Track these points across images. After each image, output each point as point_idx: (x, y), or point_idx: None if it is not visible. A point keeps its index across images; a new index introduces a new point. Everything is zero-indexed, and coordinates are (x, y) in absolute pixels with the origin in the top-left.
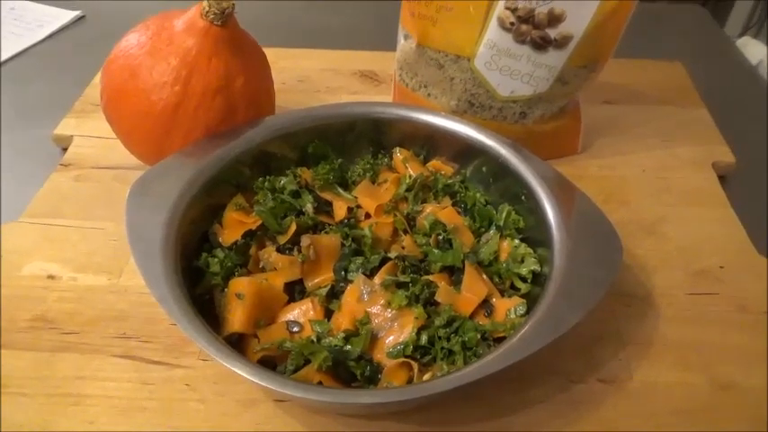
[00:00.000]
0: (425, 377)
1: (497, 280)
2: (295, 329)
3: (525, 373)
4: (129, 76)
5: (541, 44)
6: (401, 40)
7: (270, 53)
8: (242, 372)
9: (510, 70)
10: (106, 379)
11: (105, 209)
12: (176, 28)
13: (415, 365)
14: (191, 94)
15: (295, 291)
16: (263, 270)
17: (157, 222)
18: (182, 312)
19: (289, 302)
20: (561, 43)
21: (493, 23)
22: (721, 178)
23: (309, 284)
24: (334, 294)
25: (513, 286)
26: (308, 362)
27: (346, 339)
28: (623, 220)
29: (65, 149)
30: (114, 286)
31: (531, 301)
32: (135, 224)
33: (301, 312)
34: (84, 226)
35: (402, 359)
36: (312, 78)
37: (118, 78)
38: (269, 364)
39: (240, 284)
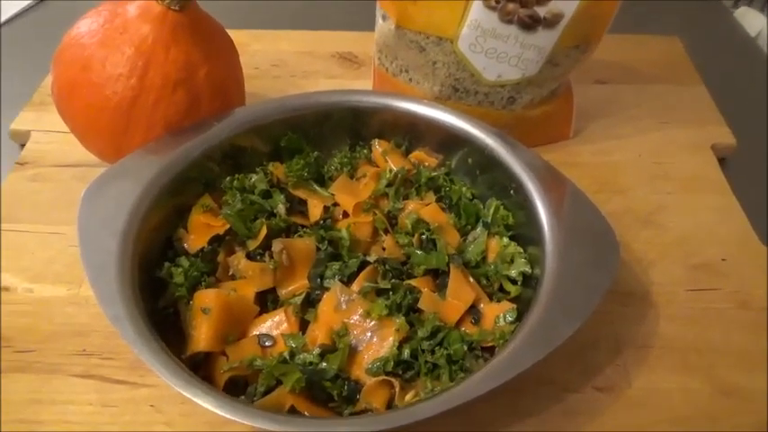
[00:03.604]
0: (408, 396)
1: (485, 282)
2: (267, 344)
3: (515, 383)
4: (80, 69)
5: (530, 23)
6: (379, 21)
7: (240, 35)
8: (204, 402)
9: (496, 52)
10: (65, 402)
11: (65, 212)
12: (130, 14)
13: (397, 384)
14: (148, 88)
15: (267, 300)
16: (232, 278)
17: (114, 230)
18: (137, 333)
19: (261, 313)
20: (551, 22)
21: (477, 2)
22: (721, 161)
23: (283, 293)
24: (310, 302)
25: (501, 288)
26: (280, 382)
27: (322, 356)
28: (618, 210)
29: (23, 145)
30: (74, 298)
31: (522, 304)
32: (88, 234)
33: (274, 324)
34: (42, 231)
35: (382, 377)
36: (287, 62)
37: (68, 71)
38: (240, 383)
39: (206, 297)
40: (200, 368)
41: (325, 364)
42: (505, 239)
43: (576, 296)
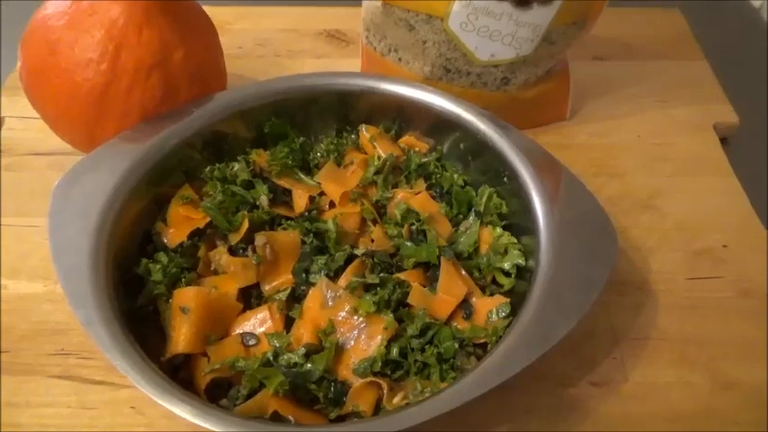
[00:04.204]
0: (396, 399)
1: (477, 274)
2: (251, 342)
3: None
4: (47, 53)
5: (524, 0)
6: None
7: (222, 13)
8: (179, 411)
9: (489, 31)
10: (42, 405)
11: (40, 203)
12: None
13: (385, 385)
14: (121, 73)
15: (251, 295)
16: (215, 273)
17: (87, 227)
18: (111, 338)
19: (244, 309)
20: None
21: None
22: (722, 141)
23: (267, 288)
24: (296, 298)
25: (495, 280)
26: (264, 384)
27: (307, 356)
28: (616, 194)
29: None
30: (51, 294)
31: (516, 297)
32: (60, 231)
33: (258, 322)
34: (16, 224)
35: (370, 378)
36: (272, 41)
37: (36, 55)
38: (224, 384)
39: (185, 296)
40: (181, 369)
41: (310, 365)
42: (498, 229)
43: (571, 292)
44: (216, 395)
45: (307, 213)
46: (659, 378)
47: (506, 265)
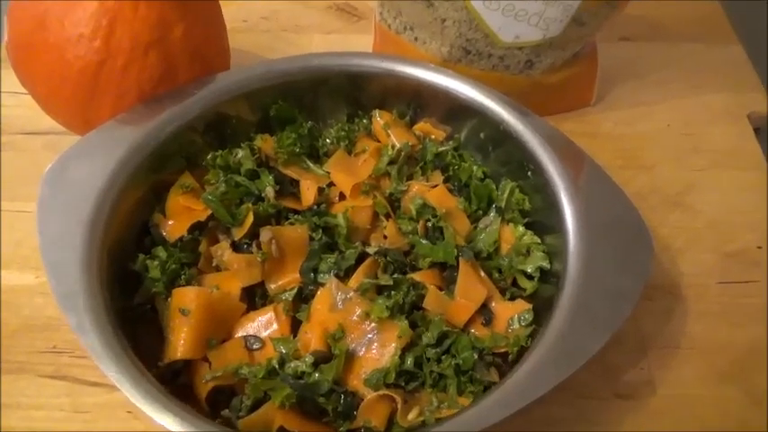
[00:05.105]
0: (411, 415)
1: (497, 275)
2: (255, 346)
3: None
4: (35, 27)
5: None
6: None
7: None
8: (177, 428)
9: (515, 10)
10: (33, 407)
11: (34, 186)
12: None
13: (399, 399)
14: (115, 51)
15: (256, 294)
16: (217, 269)
17: (80, 219)
18: (104, 347)
19: (248, 309)
20: None
21: None
22: (756, 130)
23: (272, 287)
24: (303, 298)
25: (515, 282)
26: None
27: (315, 364)
28: (644, 190)
29: None
30: (43, 286)
31: (538, 302)
32: (49, 224)
33: (262, 325)
34: (8, 209)
35: (383, 391)
36: (278, 14)
37: (23, 29)
38: (225, 391)
39: (185, 297)
40: (181, 373)
41: (318, 375)
42: (521, 228)
43: (603, 304)
44: (218, 402)
45: (315, 207)
46: (690, 390)
47: (529, 268)
